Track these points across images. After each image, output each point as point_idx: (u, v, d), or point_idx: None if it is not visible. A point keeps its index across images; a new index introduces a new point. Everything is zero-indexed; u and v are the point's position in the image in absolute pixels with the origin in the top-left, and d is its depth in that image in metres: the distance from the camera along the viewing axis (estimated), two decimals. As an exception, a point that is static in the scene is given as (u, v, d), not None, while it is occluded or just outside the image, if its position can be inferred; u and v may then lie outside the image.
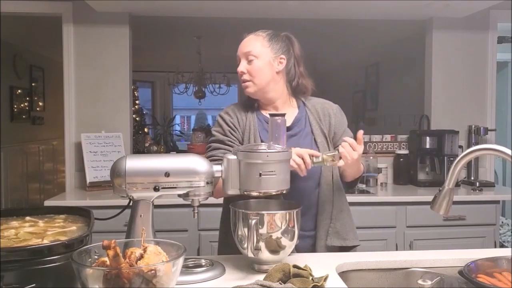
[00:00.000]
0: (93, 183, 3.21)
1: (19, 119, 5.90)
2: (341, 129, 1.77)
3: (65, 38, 3.40)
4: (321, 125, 1.75)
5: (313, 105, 1.78)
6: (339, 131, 1.76)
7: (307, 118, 1.76)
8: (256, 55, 1.67)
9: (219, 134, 1.74)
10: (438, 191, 1.35)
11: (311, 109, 1.77)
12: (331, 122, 1.76)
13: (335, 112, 1.78)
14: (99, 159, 3.27)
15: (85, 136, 3.29)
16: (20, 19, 4.03)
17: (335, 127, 1.76)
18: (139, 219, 1.35)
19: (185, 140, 9.45)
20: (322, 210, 1.71)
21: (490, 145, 1.31)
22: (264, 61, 1.67)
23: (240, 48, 1.72)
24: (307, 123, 1.75)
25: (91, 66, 3.42)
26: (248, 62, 1.68)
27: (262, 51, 1.67)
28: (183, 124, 16.00)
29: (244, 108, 1.78)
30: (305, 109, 1.78)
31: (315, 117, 1.76)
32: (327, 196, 1.71)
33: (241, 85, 1.73)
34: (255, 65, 1.67)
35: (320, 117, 1.76)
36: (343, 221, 1.72)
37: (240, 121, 1.74)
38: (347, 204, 1.78)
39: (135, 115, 6.05)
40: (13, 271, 1.02)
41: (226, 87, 7.02)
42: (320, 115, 1.76)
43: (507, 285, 1.29)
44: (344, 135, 1.73)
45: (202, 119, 15.66)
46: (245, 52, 1.68)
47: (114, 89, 3.44)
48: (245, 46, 1.70)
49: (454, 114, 3.60)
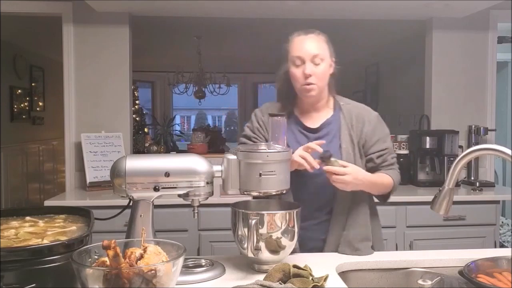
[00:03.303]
0: (93, 183, 3.21)
1: (19, 119, 5.90)
2: (373, 138, 1.69)
3: (65, 38, 3.40)
4: (351, 131, 1.69)
5: (349, 110, 1.73)
6: (371, 140, 1.69)
7: (339, 123, 1.71)
8: (323, 58, 1.64)
9: (249, 130, 1.79)
10: (438, 191, 1.35)
11: (346, 114, 1.72)
12: (363, 130, 1.69)
13: (371, 119, 1.71)
14: (99, 159, 3.27)
15: (85, 136, 3.29)
16: (20, 19, 4.03)
17: (367, 135, 1.69)
18: (139, 219, 1.35)
19: (185, 140, 9.45)
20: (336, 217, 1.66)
21: (490, 145, 1.31)
22: (327, 64, 1.66)
23: (302, 49, 1.64)
24: (337, 127, 1.71)
25: (91, 66, 3.42)
26: (314, 65, 1.63)
27: (326, 55, 1.65)
28: (183, 124, 16.01)
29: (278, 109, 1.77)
30: (339, 113, 1.73)
31: (347, 122, 1.71)
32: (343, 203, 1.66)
33: (302, 87, 1.66)
34: (321, 69, 1.64)
35: (353, 123, 1.70)
36: (357, 230, 1.65)
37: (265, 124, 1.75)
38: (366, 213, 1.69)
39: (135, 115, 6.05)
40: (13, 271, 1.02)
41: (226, 87, 7.03)
42: (353, 121, 1.71)
43: (507, 285, 1.29)
44: (377, 145, 1.69)
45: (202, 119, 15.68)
46: (313, 55, 1.62)
47: (114, 89, 3.44)
48: (311, 48, 1.63)
49: (454, 114, 3.60)
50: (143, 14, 3.56)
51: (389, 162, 1.72)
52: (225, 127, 15.17)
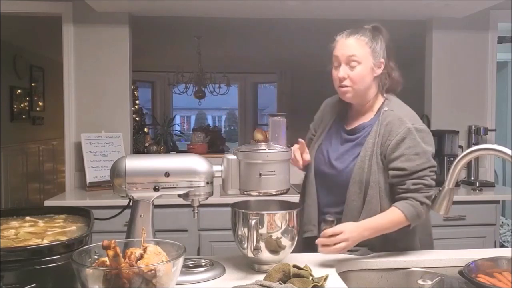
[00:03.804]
0: (93, 183, 3.21)
1: (19, 119, 5.89)
2: (394, 153, 1.54)
3: (65, 38, 3.40)
4: (376, 141, 1.58)
5: (386, 116, 1.60)
6: (391, 154, 1.55)
7: (371, 129, 1.62)
8: (360, 61, 1.58)
9: (313, 122, 1.86)
10: (438, 191, 1.35)
11: (381, 121, 1.60)
12: (388, 142, 1.56)
13: (399, 132, 1.55)
14: (99, 159, 3.27)
15: (85, 136, 3.29)
16: (20, 19, 4.03)
17: (389, 149, 1.55)
18: (139, 219, 1.35)
19: (185, 140, 9.45)
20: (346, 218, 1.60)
21: (490, 145, 1.31)
22: (366, 67, 1.59)
23: (340, 49, 1.61)
24: (367, 133, 1.63)
25: (91, 66, 3.42)
26: (350, 68, 1.59)
27: (366, 56, 1.58)
28: (183, 124, 16.02)
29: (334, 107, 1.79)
30: (377, 119, 1.63)
31: (377, 129, 1.60)
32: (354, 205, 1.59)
33: (338, 89, 1.65)
34: (357, 72, 1.58)
35: (382, 132, 1.59)
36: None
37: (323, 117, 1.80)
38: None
39: (135, 115, 6.04)
40: (13, 271, 1.02)
41: (226, 87, 7.03)
42: (382, 129, 1.59)
43: (507, 285, 1.28)
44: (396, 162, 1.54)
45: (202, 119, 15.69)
46: (348, 56, 1.58)
47: (114, 89, 3.44)
48: (348, 49, 1.59)
49: (454, 114, 3.60)
50: (143, 14, 3.56)
51: (406, 188, 1.53)
52: (225, 127, 15.17)
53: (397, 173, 1.54)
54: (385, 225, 1.52)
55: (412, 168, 1.52)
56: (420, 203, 1.52)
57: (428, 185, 1.53)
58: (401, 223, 1.52)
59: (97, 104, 3.42)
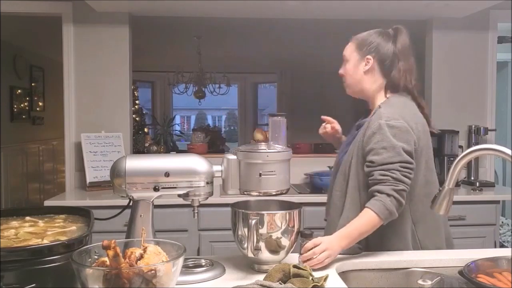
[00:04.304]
0: (93, 183, 3.21)
1: (19, 119, 5.89)
2: (366, 148, 1.60)
3: (65, 38, 3.40)
4: (361, 137, 1.65)
5: (375, 114, 1.67)
6: (365, 149, 1.61)
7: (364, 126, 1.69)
8: (347, 59, 1.78)
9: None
10: (438, 191, 1.35)
11: (372, 118, 1.66)
12: (364, 138, 1.63)
13: (371, 126, 1.62)
14: (99, 159, 3.27)
15: (85, 136, 3.29)
16: (20, 19, 4.03)
17: (363, 144, 1.63)
18: (139, 219, 1.35)
19: (185, 140, 9.44)
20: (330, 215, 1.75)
21: (490, 145, 1.31)
22: (351, 64, 1.76)
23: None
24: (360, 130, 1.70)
25: (91, 66, 3.42)
26: (343, 65, 1.80)
27: (351, 55, 1.76)
28: (183, 124, 16.01)
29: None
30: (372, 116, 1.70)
31: (365, 126, 1.67)
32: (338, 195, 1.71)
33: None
34: (345, 68, 1.79)
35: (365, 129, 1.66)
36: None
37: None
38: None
39: (135, 115, 6.04)
40: (13, 271, 1.02)
41: (226, 87, 7.02)
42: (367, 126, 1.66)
43: (507, 285, 1.28)
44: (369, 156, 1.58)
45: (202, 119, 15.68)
46: (343, 56, 1.80)
47: (114, 89, 3.44)
48: (344, 50, 1.81)
49: (454, 114, 3.60)
50: (143, 14, 3.56)
51: (374, 178, 1.56)
52: (225, 127, 15.17)
53: (368, 165, 1.59)
54: (361, 229, 1.52)
55: (379, 161, 1.55)
56: (386, 195, 1.51)
57: (396, 179, 1.52)
58: (375, 222, 1.51)
59: (97, 104, 3.42)
